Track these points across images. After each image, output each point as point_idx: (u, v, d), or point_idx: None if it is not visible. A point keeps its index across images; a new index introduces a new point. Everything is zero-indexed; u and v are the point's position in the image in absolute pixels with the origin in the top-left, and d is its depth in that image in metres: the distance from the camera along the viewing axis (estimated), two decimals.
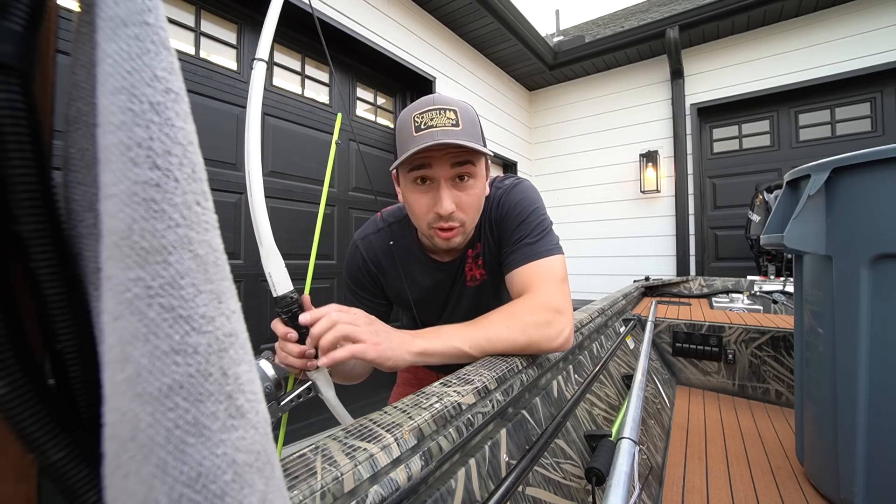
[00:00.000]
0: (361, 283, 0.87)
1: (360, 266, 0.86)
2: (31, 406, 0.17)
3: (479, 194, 0.71)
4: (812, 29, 3.28)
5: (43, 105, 0.20)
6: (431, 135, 0.64)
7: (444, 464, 0.41)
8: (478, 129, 0.69)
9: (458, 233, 0.72)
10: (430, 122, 0.65)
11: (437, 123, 0.64)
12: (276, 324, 0.61)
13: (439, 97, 0.68)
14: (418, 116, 0.66)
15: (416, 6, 2.96)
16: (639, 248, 4.00)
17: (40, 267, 0.18)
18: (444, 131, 0.64)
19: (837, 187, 0.80)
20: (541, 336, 0.65)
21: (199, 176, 0.17)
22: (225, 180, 1.98)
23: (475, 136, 0.67)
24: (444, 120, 0.65)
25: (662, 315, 1.83)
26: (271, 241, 0.56)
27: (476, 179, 0.69)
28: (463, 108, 0.67)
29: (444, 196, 0.67)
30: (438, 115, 0.65)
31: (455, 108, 0.66)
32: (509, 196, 0.79)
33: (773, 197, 2.79)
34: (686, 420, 1.32)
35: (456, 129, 0.65)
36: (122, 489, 0.15)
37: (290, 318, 0.59)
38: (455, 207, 0.68)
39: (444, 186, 0.67)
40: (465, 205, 0.69)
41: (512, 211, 0.77)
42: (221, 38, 2.03)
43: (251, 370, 0.18)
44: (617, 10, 5.98)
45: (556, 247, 0.75)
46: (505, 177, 0.84)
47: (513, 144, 4.28)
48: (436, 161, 0.66)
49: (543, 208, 0.79)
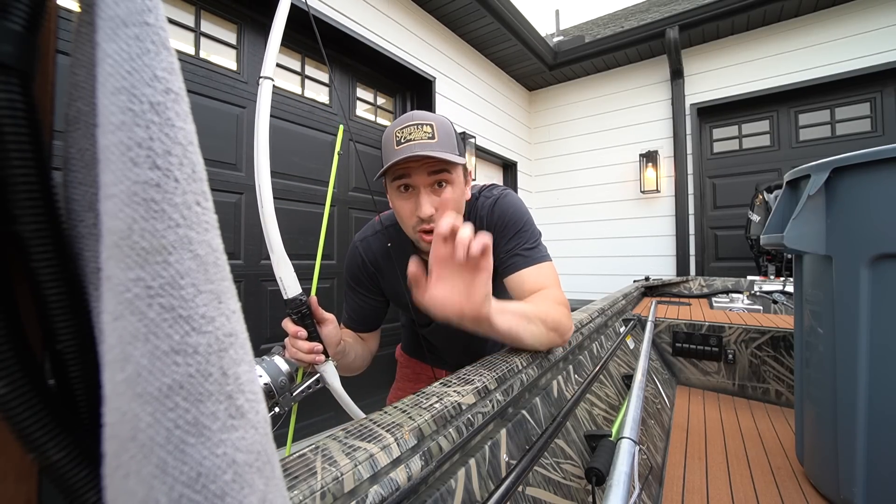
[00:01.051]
0: (360, 280, 0.94)
1: (359, 266, 0.92)
2: (31, 406, 0.17)
3: (456, 198, 0.76)
4: (812, 29, 3.27)
5: (43, 105, 0.20)
6: (410, 147, 0.71)
7: (444, 464, 0.41)
8: (453, 139, 0.76)
9: None
10: (409, 136, 0.72)
11: (415, 137, 0.71)
12: (287, 323, 0.69)
13: (418, 114, 0.75)
14: (399, 132, 0.73)
15: (415, 6, 2.96)
16: (639, 248, 4.00)
17: (40, 267, 0.18)
18: (420, 144, 0.71)
19: (837, 187, 0.80)
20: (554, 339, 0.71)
21: (199, 176, 0.17)
22: (225, 180, 1.98)
23: (450, 147, 0.74)
24: (421, 134, 0.72)
25: (662, 315, 1.83)
26: (282, 248, 0.63)
27: (453, 185, 0.75)
28: (440, 123, 0.74)
29: (424, 201, 0.73)
30: (416, 130, 0.72)
31: (431, 123, 0.73)
32: (504, 202, 0.85)
33: (773, 197, 2.79)
34: (686, 420, 1.32)
35: (431, 142, 0.71)
36: (122, 489, 0.15)
37: (299, 317, 0.67)
38: (435, 210, 0.74)
39: (423, 192, 0.73)
40: (443, 206, 0.75)
41: (509, 217, 0.83)
42: (221, 38, 2.03)
43: (251, 370, 0.18)
44: (617, 10, 5.98)
45: (548, 254, 0.84)
46: (491, 186, 0.90)
47: (513, 144, 4.28)
48: (414, 171, 0.72)
49: (532, 219, 0.87)
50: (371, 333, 0.99)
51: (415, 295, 0.55)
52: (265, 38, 2.18)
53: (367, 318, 0.97)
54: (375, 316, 0.97)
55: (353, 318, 0.97)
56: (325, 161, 2.47)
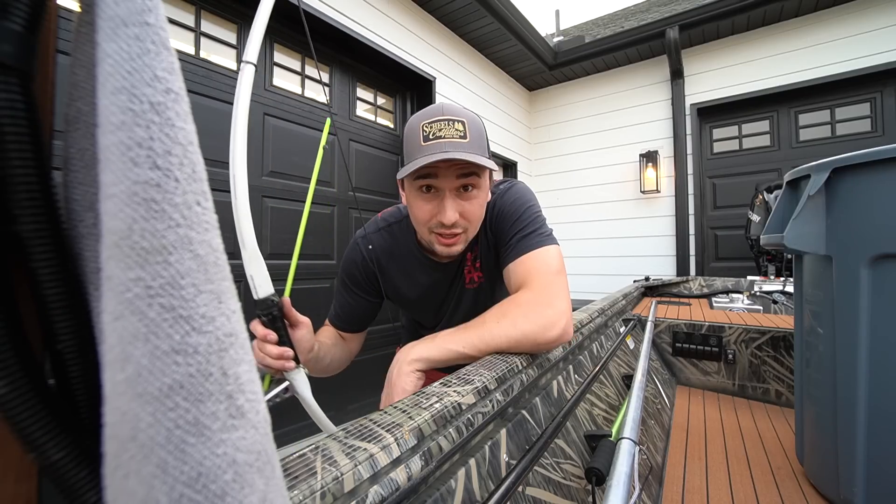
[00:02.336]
0: (356, 278, 0.88)
1: (357, 263, 0.87)
2: (31, 406, 0.17)
3: (482, 203, 0.72)
4: (812, 29, 3.27)
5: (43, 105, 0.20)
6: (439, 145, 0.64)
7: (444, 464, 0.41)
8: (484, 141, 0.70)
9: (459, 240, 0.73)
10: (438, 132, 0.65)
11: (446, 135, 0.65)
12: (256, 325, 0.62)
13: (448, 107, 0.68)
14: (427, 126, 0.66)
15: (416, 6, 2.96)
16: (639, 248, 4.00)
17: (40, 267, 0.18)
18: (451, 143, 0.65)
19: (837, 187, 0.80)
20: (534, 328, 0.64)
21: (199, 176, 0.17)
22: (225, 180, 1.95)
23: (481, 149, 0.68)
24: (453, 131, 0.65)
25: (662, 315, 1.83)
26: (254, 244, 0.58)
27: (480, 190, 0.70)
28: (471, 120, 0.68)
29: (448, 206, 0.68)
30: (447, 126, 0.66)
31: (463, 120, 0.67)
32: (504, 198, 0.80)
33: (773, 197, 2.79)
34: (686, 420, 1.32)
35: (463, 142, 0.65)
36: (122, 489, 0.15)
37: (269, 320, 0.61)
38: (458, 216, 0.69)
39: (448, 196, 0.68)
40: (468, 213, 0.71)
41: (507, 211, 0.78)
42: (221, 38, 2.03)
43: (251, 370, 0.18)
44: (617, 10, 5.97)
45: (548, 237, 0.75)
46: (501, 180, 0.86)
47: (513, 144, 4.28)
48: (441, 172, 0.66)
49: (538, 206, 0.80)
50: (355, 334, 0.94)
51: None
52: (265, 37, 2.19)
53: (355, 317, 0.91)
54: (364, 316, 0.92)
55: (341, 315, 0.91)
56: (325, 161, 2.47)
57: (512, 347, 0.65)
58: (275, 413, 0.62)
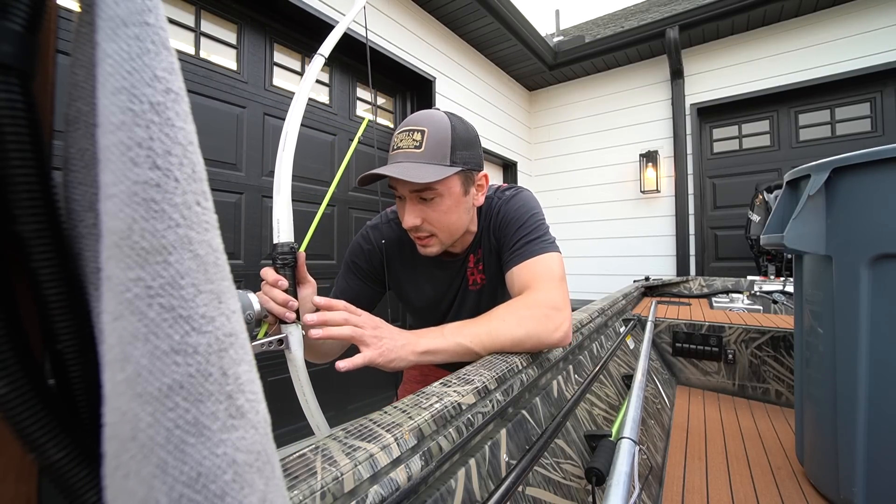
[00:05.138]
0: (360, 263, 0.88)
1: (366, 250, 0.88)
2: (31, 406, 0.17)
3: (446, 209, 0.73)
4: (812, 29, 3.27)
5: (43, 105, 0.20)
6: (395, 157, 0.69)
7: (444, 464, 0.41)
8: (445, 147, 0.70)
9: (431, 242, 0.76)
10: (399, 143, 0.69)
11: (403, 146, 0.69)
12: (268, 270, 0.62)
13: (420, 116, 0.72)
14: (396, 136, 0.70)
15: (415, 6, 2.96)
16: (639, 248, 4.00)
17: (40, 267, 0.18)
18: (405, 153, 0.68)
19: (837, 187, 0.80)
20: (538, 329, 0.66)
21: (199, 176, 0.17)
22: (225, 180, 1.98)
23: (439, 156, 0.69)
24: (410, 142, 0.69)
25: (662, 315, 1.83)
26: (289, 193, 0.61)
27: (443, 196, 0.71)
28: (434, 129, 0.69)
29: (407, 211, 0.72)
30: (407, 137, 0.69)
31: (424, 129, 0.69)
32: (509, 205, 0.82)
33: (773, 197, 2.79)
34: (686, 420, 1.32)
35: (416, 152, 0.68)
36: (122, 489, 0.15)
37: (282, 266, 0.62)
38: (420, 221, 0.72)
39: (409, 202, 0.72)
40: (432, 219, 0.73)
41: (511, 216, 0.80)
42: (221, 38, 2.03)
43: (251, 370, 0.18)
44: (617, 10, 5.97)
45: (551, 245, 0.77)
46: (507, 186, 0.87)
47: (513, 144, 4.28)
48: (398, 181, 0.70)
49: (541, 214, 0.82)
50: None
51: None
52: (265, 37, 2.20)
53: (354, 302, 0.90)
54: (364, 303, 0.88)
55: (340, 298, 0.90)
56: (325, 161, 2.47)
57: (516, 345, 0.66)
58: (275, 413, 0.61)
